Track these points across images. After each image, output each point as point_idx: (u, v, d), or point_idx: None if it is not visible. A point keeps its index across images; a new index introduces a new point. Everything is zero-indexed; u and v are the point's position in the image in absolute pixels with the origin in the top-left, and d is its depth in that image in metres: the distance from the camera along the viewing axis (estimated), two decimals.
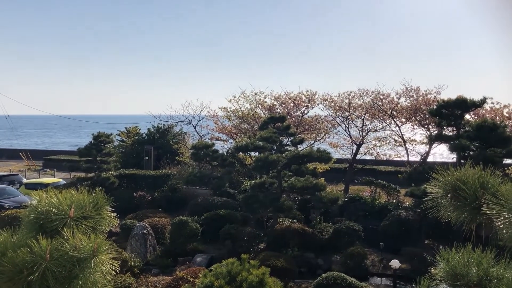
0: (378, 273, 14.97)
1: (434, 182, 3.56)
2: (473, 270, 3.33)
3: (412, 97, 25.08)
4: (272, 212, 17.72)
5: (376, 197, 21.18)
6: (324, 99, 27.35)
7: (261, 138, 18.72)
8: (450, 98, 17.94)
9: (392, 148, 27.44)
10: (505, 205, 2.86)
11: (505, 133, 15.93)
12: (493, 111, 23.30)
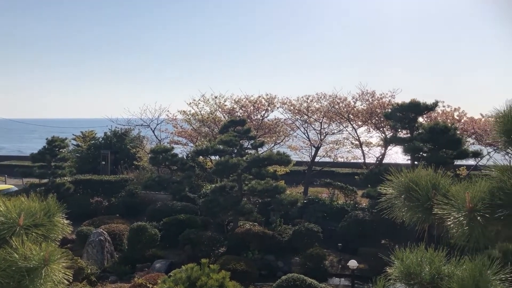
0: (337, 273, 15.23)
1: (388, 184, 3.66)
2: (426, 269, 3.44)
3: (368, 100, 25.71)
4: (232, 215, 17.69)
5: (334, 199, 21.55)
6: (284, 102, 27.61)
7: (222, 142, 18.67)
8: (404, 101, 18.54)
9: (349, 151, 28.04)
10: (455, 205, 2.97)
11: (455, 135, 16.61)
12: (444, 114, 24.22)
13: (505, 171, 3.00)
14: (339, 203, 20.48)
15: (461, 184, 3.23)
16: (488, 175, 3.22)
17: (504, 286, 3.11)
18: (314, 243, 16.08)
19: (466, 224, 2.85)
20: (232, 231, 17.39)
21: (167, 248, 16.75)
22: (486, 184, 3.03)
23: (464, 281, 3.09)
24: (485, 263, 3.13)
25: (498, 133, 3.69)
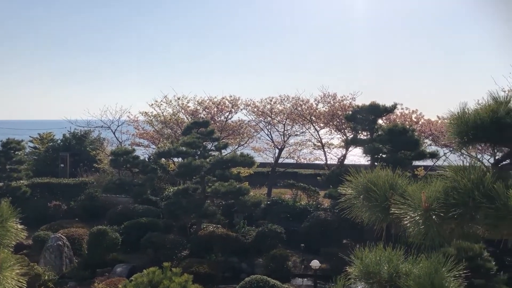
0: (300, 273, 15.37)
1: (348, 184, 3.73)
2: (384, 268, 3.51)
3: (329, 103, 26.12)
4: (195, 218, 17.55)
5: (297, 200, 21.74)
6: (247, 104, 27.67)
7: (184, 143, 18.50)
8: (364, 104, 18.94)
9: (311, 152, 28.42)
10: (412, 204, 3.05)
11: (413, 136, 17.10)
12: (403, 116, 24.90)
13: (458, 171, 3.11)
14: (302, 204, 20.69)
15: (417, 184, 3.32)
16: (443, 175, 3.34)
17: (458, 282, 3.23)
18: (277, 244, 16.17)
19: (422, 223, 2.93)
20: (195, 233, 17.25)
21: (129, 252, 16.44)
22: (441, 184, 3.13)
23: (420, 278, 3.18)
24: (440, 261, 3.23)
25: (453, 134, 3.82)
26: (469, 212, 2.90)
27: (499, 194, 2.76)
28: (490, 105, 3.73)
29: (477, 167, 3.14)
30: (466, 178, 2.98)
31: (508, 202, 2.69)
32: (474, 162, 3.34)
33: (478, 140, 3.78)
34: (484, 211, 2.80)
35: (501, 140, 3.72)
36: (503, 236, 2.94)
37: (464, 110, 3.79)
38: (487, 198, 2.83)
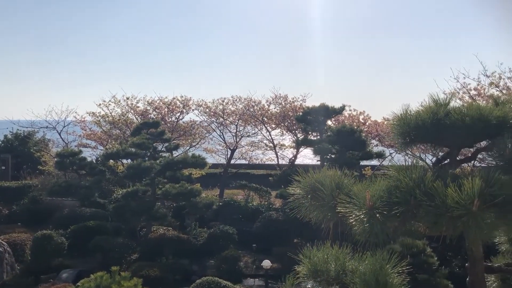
0: (252, 274, 15.40)
1: (296, 184, 3.78)
2: (332, 266, 3.59)
3: (280, 104, 26.42)
4: (145, 220, 17.20)
5: (249, 200, 21.81)
6: (199, 104, 27.47)
7: (134, 145, 18.10)
8: (314, 105, 19.30)
9: (263, 153, 28.63)
10: (357, 203, 3.13)
11: (361, 137, 17.61)
12: (351, 117, 25.59)
13: (401, 170, 3.22)
14: (254, 205, 20.77)
15: (362, 184, 3.41)
16: (387, 174, 3.45)
17: (401, 278, 3.34)
18: (229, 245, 16.14)
19: (367, 221, 3.02)
20: (145, 236, 16.91)
21: (76, 257, 15.86)
22: (385, 183, 3.23)
23: (365, 275, 3.26)
24: (385, 258, 3.33)
25: (396, 135, 3.96)
26: (410, 210, 3.01)
27: (438, 192, 2.89)
28: (431, 107, 3.90)
29: (418, 166, 3.26)
30: (408, 177, 3.10)
31: (447, 200, 2.81)
32: (416, 161, 3.47)
33: (420, 141, 3.94)
34: (425, 208, 2.92)
35: (441, 141, 3.89)
36: (443, 232, 3.07)
37: (407, 111, 3.95)
38: (427, 196, 2.95)
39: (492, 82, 18.35)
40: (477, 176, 2.87)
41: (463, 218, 2.75)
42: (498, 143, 3.29)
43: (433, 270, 10.41)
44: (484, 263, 4.00)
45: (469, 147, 4.07)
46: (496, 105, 3.79)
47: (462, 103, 6.42)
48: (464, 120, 3.50)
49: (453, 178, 3.02)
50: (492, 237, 3.75)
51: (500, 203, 2.83)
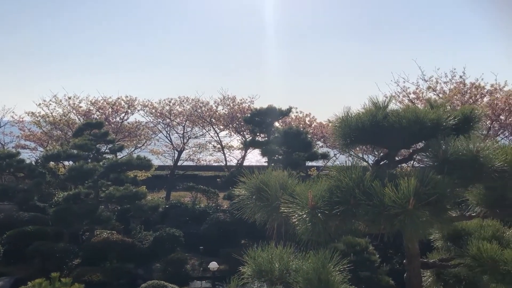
0: (199, 276, 15.30)
1: (241, 185, 3.79)
2: (276, 266, 3.62)
3: (229, 105, 26.45)
4: (88, 224, 16.63)
5: (196, 202, 21.65)
6: (145, 105, 26.96)
7: (76, 146, 17.47)
8: (262, 107, 19.45)
9: (211, 154, 28.53)
10: (300, 203, 3.18)
11: (307, 138, 17.95)
12: (297, 119, 26.05)
13: (341, 171, 3.30)
14: (201, 206, 20.64)
15: (305, 184, 3.48)
16: (329, 175, 3.53)
17: (343, 275, 3.43)
18: (175, 248, 15.93)
19: (309, 221, 3.07)
20: (88, 241, 16.35)
21: (12, 264, 15.07)
22: (326, 183, 3.30)
23: (308, 274, 3.32)
24: (327, 256, 3.40)
25: (337, 137, 4.07)
26: (350, 209, 3.10)
27: (376, 192, 2.99)
28: (370, 109, 4.03)
29: (358, 167, 3.36)
30: (348, 178, 3.18)
31: (384, 199, 2.92)
32: (356, 162, 3.58)
33: (360, 142, 4.07)
34: (364, 207, 3.01)
35: (379, 142, 4.04)
36: (380, 230, 3.18)
37: (348, 114, 4.06)
38: (366, 195, 3.04)
39: (429, 86, 19.30)
40: (413, 176, 3.00)
41: (399, 217, 2.86)
42: (433, 145, 3.45)
43: (375, 267, 10.79)
44: (420, 259, 4.19)
45: (406, 148, 4.24)
46: (431, 108, 3.97)
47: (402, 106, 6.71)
48: (401, 123, 3.65)
49: (390, 178, 3.14)
50: (428, 234, 3.92)
51: (434, 202, 2.97)
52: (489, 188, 3.45)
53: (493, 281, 3.77)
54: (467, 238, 4.04)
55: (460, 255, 3.99)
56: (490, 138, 5.22)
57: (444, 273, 4.41)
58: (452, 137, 3.46)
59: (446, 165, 3.22)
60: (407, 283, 4.07)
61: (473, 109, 4.02)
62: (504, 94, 18.24)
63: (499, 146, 3.42)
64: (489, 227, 4.29)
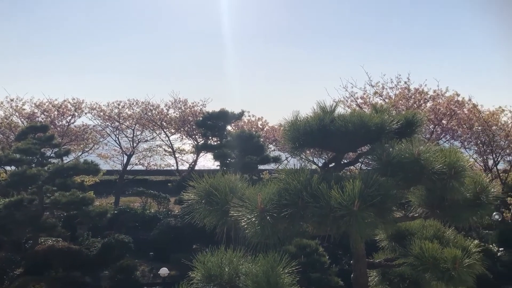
0: (149, 283, 15.02)
1: (191, 190, 3.76)
2: (225, 270, 3.61)
3: (180, 108, 26.17)
4: (32, 232, 15.91)
5: (147, 207, 21.24)
6: (93, 108, 26.18)
7: (18, 150, 16.67)
8: (214, 110, 19.38)
9: (162, 158, 28.10)
10: (249, 206, 3.20)
11: (259, 142, 18.06)
12: (250, 123, 26.16)
13: (290, 174, 3.35)
14: (151, 212, 20.28)
15: (255, 187, 3.49)
16: (278, 178, 3.56)
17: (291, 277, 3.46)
18: (125, 254, 15.55)
19: (258, 224, 3.09)
20: (31, 249, 15.64)
21: None
22: (275, 186, 3.34)
23: (258, 277, 3.33)
24: (276, 259, 3.43)
25: (286, 140, 4.13)
26: (298, 211, 3.14)
27: (323, 194, 3.05)
28: (318, 114, 4.12)
29: (306, 170, 3.42)
30: (297, 180, 3.23)
31: (330, 201, 2.98)
32: (304, 165, 3.64)
33: (308, 146, 4.15)
34: (311, 210, 3.07)
35: (327, 146, 4.13)
36: (328, 232, 3.24)
37: (297, 118, 4.13)
38: (313, 198, 3.10)
39: (376, 92, 19.96)
40: (358, 178, 3.09)
41: (345, 218, 2.93)
42: (377, 148, 3.57)
43: (325, 268, 10.99)
44: (367, 259, 4.31)
45: (352, 151, 4.36)
46: (376, 113, 4.11)
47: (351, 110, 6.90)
48: (347, 127, 3.74)
49: (337, 180, 3.21)
50: (373, 234, 4.04)
51: (378, 203, 3.07)
52: (429, 189, 3.60)
53: (434, 278, 3.94)
54: (410, 238, 4.20)
55: (404, 255, 4.14)
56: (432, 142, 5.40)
57: (389, 273, 4.56)
58: (395, 141, 3.60)
59: (390, 168, 3.33)
60: (354, 283, 4.18)
61: (415, 113, 4.19)
62: (445, 100, 19.14)
63: (439, 149, 3.59)
64: (431, 227, 4.48)
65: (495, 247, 15.59)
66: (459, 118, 19.16)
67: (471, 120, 19.04)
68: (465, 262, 3.76)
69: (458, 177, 3.29)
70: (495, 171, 19.88)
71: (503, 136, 18.84)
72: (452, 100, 18.99)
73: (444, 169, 3.27)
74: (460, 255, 3.75)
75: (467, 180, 3.47)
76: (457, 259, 3.71)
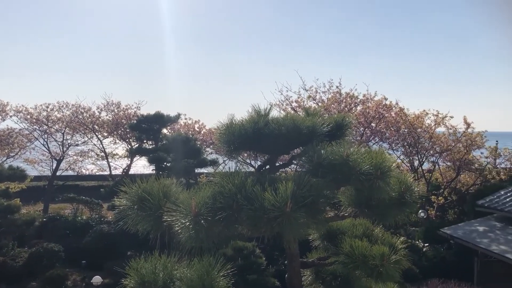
0: None
1: (123, 195, 3.66)
2: (160, 276, 3.55)
3: (113, 111, 25.36)
4: None
5: (78, 214, 20.38)
6: (19, 110, 24.73)
7: None
8: (149, 113, 18.98)
9: (94, 163, 27.07)
10: (183, 211, 3.17)
11: (196, 145, 17.92)
12: (186, 126, 25.88)
13: (225, 177, 3.36)
14: (83, 219, 19.47)
15: (189, 191, 3.47)
16: (213, 181, 3.56)
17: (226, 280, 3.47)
18: (54, 264, 14.83)
19: (192, 228, 3.07)
20: None
21: None
22: (210, 189, 3.33)
23: (192, 281, 3.31)
24: (211, 263, 3.42)
25: (222, 143, 4.13)
26: (233, 214, 3.16)
27: (257, 196, 3.09)
28: (253, 117, 4.17)
29: (240, 172, 3.44)
30: (231, 183, 3.25)
31: (264, 203, 3.03)
32: (239, 168, 3.66)
33: (243, 148, 4.18)
34: (246, 212, 3.10)
35: (261, 148, 4.19)
36: (262, 233, 3.29)
37: (232, 121, 4.15)
38: (248, 200, 3.13)
39: (310, 95, 20.47)
40: (290, 180, 3.16)
41: (278, 219, 2.99)
42: (308, 150, 3.67)
43: (262, 270, 11.11)
44: (300, 259, 4.41)
45: (286, 154, 4.45)
46: (308, 116, 4.22)
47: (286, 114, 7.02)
48: (280, 130, 3.82)
49: (271, 182, 3.27)
50: (306, 234, 4.15)
51: (310, 203, 3.16)
52: (358, 189, 3.75)
53: (364, 275, 4.12)
54: (341, 237, 4.36)
55: (336, 253, 4.28)
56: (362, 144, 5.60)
57: (322, 271, 4.69)
58: (325, 143, 3.72)
59: (320, 169, 3.44)
60: (288, 283, 4.26)
61: (345, 117, 4.35)
62: (374, 103, 20.01)
63: (367, 151, 3.75)
64: (360, 225, 4.68)
65: (420, 243, 16.50)
66: (387, 121, 20.09)
67: (398, 123, 20.03)
68: (392, 258, 3.96)
69: (384, 177, 3.46)
70: (420, 171, 21.05)
71: (427, 138, 19.99)
72: (381, 103, 19.89)
73: (371, 170, 3.43)
74: (387, 252, 3.94)
75: (392, 180, 3.65)
76: (384, 256, 3.90)
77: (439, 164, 21.28)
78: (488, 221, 14.24)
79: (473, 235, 13.23)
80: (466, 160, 19.82)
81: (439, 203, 19.73)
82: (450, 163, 20.73)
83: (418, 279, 13.65)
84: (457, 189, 20.76)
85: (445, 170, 21.54)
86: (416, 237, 17.29)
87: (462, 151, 19.62)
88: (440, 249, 15.89)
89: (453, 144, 19.64)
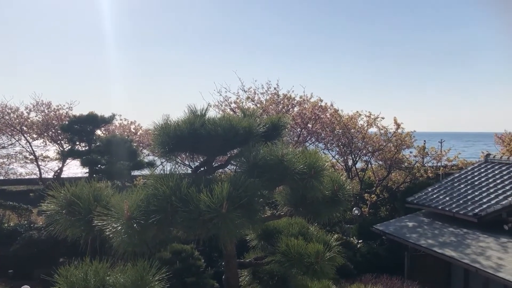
0: None
1: (50, 200, 3.48)
2: (91, 282, 3.41)
3: (43, 112, 24.15)
4: None
5: (4, 221, 19.16)
6: None
7: None
8: (82, 114, 18.24)
9: (23, 166, 25.63)
10: (114, 215, 3.06)
11: (132, 147, 17.43)
12: (122, 127, 25.14)
13: (159, 179, 3.28)
14: (11, 225, 18.33)
15: (121, 194, 3.36)
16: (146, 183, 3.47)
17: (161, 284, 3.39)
18: None
19: (124, 232, 2.97)
20: None
21: None
22: (143, 192, 3.24)
23: (126, 287, 3.21)
24: (146, 267, 3.33)
25: (156, 144, 4.04)
26: (168, 216, 3.10)
27: (193, 197, 3.05)
28: (189, 118, 4.11)
29: (175, 174, 3.38)
30: (165, 185, 3.18)
31: (200, 205, 2.99)
32: (174, 169, 3.60)
33: (179, 150, 4.11)
34: (180, 214, 3.04)
35: (198, 149, 4.14)
36: (198, 236, 3.25)
37: (167, 122, 4.07)
38: (183, 202, 3.08)
39: (248, 97, 20.59)
40: (226, 180, 3.14)
41: (214, 221, 2.96)
42: (245, 150, 3.68)
43: (201, 272, 11.00)
44: (238, 259, 4.41)
45: (223, 155, 4.43)
46: (244, 117, 4.23)
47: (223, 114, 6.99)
48: (217, 130, 3.80)
49: (206, 183, 3.23)
50: (243, 235, 4.15)
51: (246, 204, 3.16)
52: (293, 188, 3.81)
53: (300, 273, 4.18)
54: (278, 236, 4.40)
55: (272, 253, 4.32)
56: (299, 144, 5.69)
57: (259, 271, 4.72)
58: (261, 143, 3.74)
59: (256, 169, 3.46)
60: (225, 284, 4.24)
61: (280, 117, 4.41)
62: (310, 105, 20.47)
63: (301, 151, 3.82)
64: (296, 224, 4.75)
65: (355, 239, 17.08)
66: (323, 122, 20.63)
67: (333, 124, 20.63)
68: (326, 255, 4.05)
69: (317, 177, 3.54)
70: (354, 170, 21.81)
71: (360, 138, 20.74)
72: (317, 105, 20.38)
73: (305, 169, 3.49)
74: (322, 250, 4.03)
75: (325, 179, 3.74)
76: (319, 254, 3.98)
77: (371, 163, 22.13)
78: (417, 216, 15.01)
79: (403, 230, 13.88)
80: (396, 159, 20.76)
81: (372, 201, 20.53)
82: (381, 162, 21.62)
83: (353, 275, 14.11)
84: (388, 187, 21.70)
85: (377, 168, 22.45)
86: (351, 234, 17.86)
87: (393, 150, 20.54)
88: (373, 245, 16.52)
89: (384, 143, 20.51)
